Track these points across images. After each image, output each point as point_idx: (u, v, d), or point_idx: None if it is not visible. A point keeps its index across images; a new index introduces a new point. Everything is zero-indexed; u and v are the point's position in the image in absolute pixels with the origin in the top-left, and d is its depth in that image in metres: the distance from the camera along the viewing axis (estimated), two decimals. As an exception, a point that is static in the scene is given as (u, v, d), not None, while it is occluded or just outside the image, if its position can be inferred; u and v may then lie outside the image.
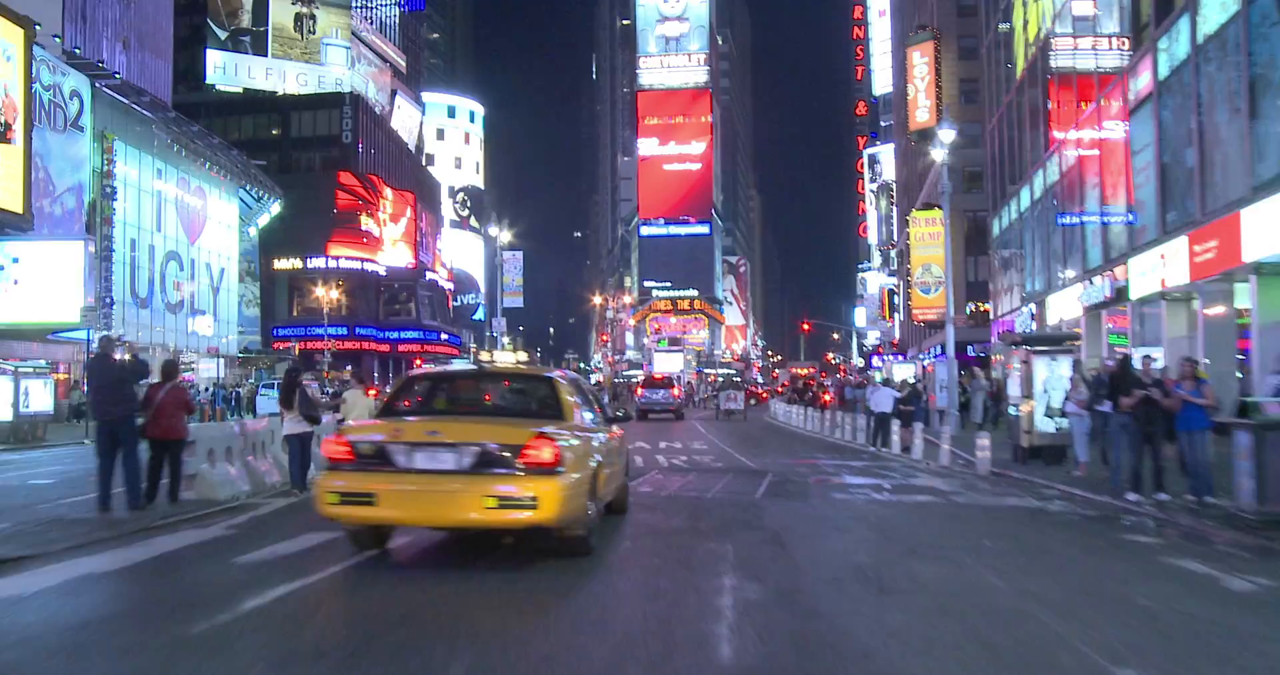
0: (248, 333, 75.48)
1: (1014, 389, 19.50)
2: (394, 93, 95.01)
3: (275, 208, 60.10)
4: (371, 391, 55.98)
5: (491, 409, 9.73)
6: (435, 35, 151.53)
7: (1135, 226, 29.53)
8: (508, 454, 7.65)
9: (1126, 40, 30.62)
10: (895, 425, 23.25)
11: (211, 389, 44.44)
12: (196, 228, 52.03)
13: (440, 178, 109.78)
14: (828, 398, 52.06)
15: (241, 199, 60.02)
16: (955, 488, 15.59)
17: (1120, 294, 30.00)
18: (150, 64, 54.75)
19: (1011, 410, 19.58)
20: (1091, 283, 33.52)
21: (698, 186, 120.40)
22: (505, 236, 45.74)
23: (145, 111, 45.27)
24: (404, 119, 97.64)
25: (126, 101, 44.05)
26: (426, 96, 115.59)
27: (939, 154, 30.36)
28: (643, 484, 15.49)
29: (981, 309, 69.18)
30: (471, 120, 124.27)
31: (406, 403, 9.46)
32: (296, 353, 66.21)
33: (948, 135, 29.40)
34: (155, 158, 47.37)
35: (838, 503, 13.50)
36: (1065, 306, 37.66)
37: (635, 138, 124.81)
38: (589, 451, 8.72)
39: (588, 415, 9.77)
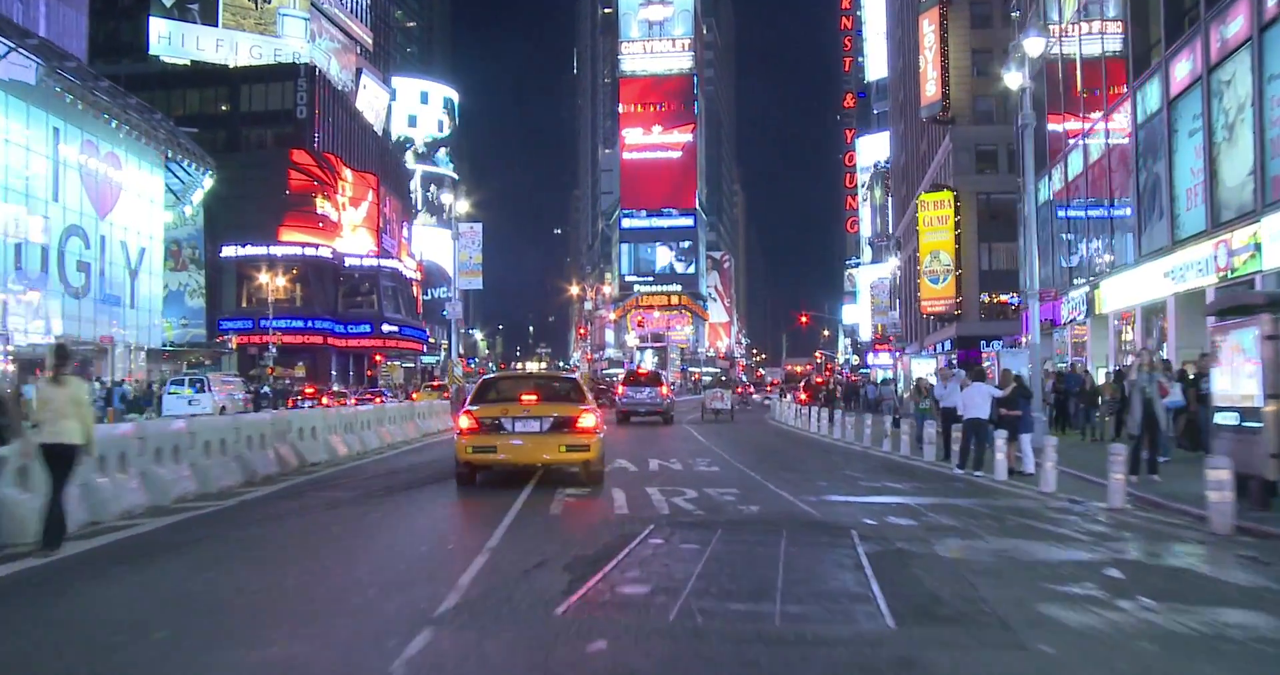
0: (191, 325, 67.36)
1: (1228, 384, 11.75)
2: (359, 71, 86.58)
3: (208, 182, 51.75)
4: (309, 388, 47.86)
5: (547, 396, 14.21)
6: (411, 24, 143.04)
7: (1270, 175, 21.88)
8: (569, 421, 13.26)
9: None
10: (998, 439, 15.43)
11: (109, 387, 36.22)
12: (107, 200, 43.77)
13: (411, 166, 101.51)
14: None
15: (172, 171, 51.81)
16: (1248, 576, 7.76)
17: (1240, 266, 22.43)
18: (60, 12, 46.48)
19: (1226, 418, 11.78)
20: (1188, 256, 25.93)
21: (681, 177, 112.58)
22: (462, 206, 37.64)
23: (30, 56, 36.98)
24: (370, 100, 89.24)
25: (4, 42, 35.77)
26: (397, 81, 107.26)
27: (1014, 78, 22.47)
28: (629, 572, 7.58)
29: (997, 300, 61.64)
30: (445, 107, 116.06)
31: (494, 393, 14.56)
32: (234, 346, 58.01)
33: (1035, 45, 21.59)
34: (51, 114, 39.14)
35: (1097, 648, 5.55)
36: (1137, 288, 30.00)
37: (616, 127, 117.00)
38: (602, 421, 14.45)
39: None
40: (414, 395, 46.84)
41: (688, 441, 24.49)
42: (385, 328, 72.45)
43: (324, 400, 42.00)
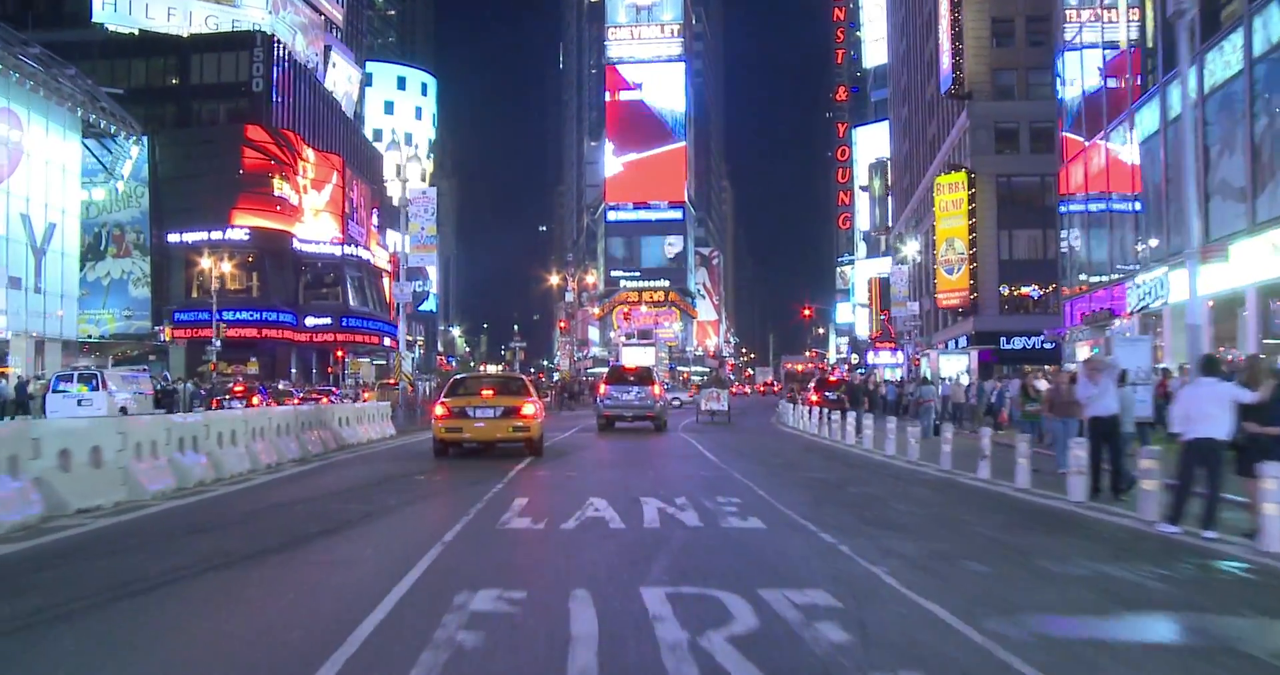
0: (136, 317, 60.17)
1: None
2: (328, 48, 79.06)
3: (135, 150, 44.42)
4: (238, 386, 40.72)
5: (501, 391, 17.87)
6: (391, 12, 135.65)
7: None
8: (515, 410, 16.94)
9: None
10: (1267, 478, 8.48)
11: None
12: (1, 164, 36.45)
13: (387, 156, 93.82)
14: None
15: (104, 144, 44.59)
16: None
17: None
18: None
19: None
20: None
21: (669, 167, 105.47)
22: (414, 170, 30.25)
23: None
24: (340, 80, 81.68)
25: None
26: (373, 66, 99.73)
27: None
28: None
29: (1018, 293, 54.84)
30: (424, 93, 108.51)
31: (460, 388, 18.25)
32: (167, 338, 50.69)
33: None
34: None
35: None
36: (1252, 264, 23.24)
37: (603, 118, 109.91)
38: (543, 409, 18.82)
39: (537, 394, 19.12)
40: (366, 394, 39.90)
41: (694, 461, 17.46)
42: (359, 322, 65.08)
43: (255, 400, 34.86)
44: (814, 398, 37.57)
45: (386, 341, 65.62)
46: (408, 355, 30.07)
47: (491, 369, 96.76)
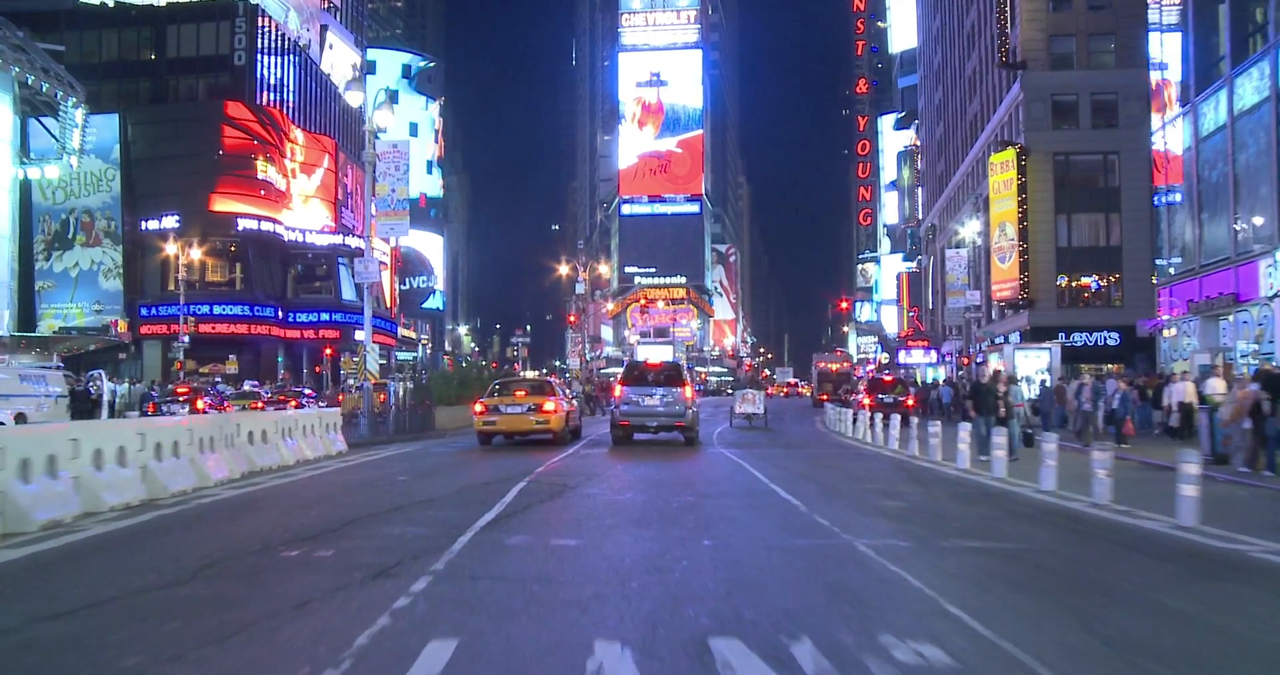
0: (106, 311, 54.11)
1: None
2: (324, 28, 72.77)
3: (79, 116, 38.04)
4: (182, 388, 34.01)
5: (531, 392, 21.16)
6: (399, 2, 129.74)
7: None
8: (539, 406, 20.07)
9: None
10: None
11: None
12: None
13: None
14: (910, 402, 31.88)
15: (54, 112, 38.36)
16: None
17: None
18: None
19: None
20: None
21: (686, 158, 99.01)
22: (385, 118, 23.69)
23: None
24: (338, 63, 75.39)
25: None
26: (375, 53, 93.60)
27: None
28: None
29: (1078, 284, 48.09)
30: (430, 81, 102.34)
31: (498, 389, 21.53)
32: (123, 331, 44.42)
33: None
34: None
35: None
36: None
37: (615, 111, 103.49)
38: (565, 407, 21.46)
39: (563, 393, 22.97)
40: (340, 397, 33.66)
41: (765, 507, 10.77)
42: (353, 317, 58.66)
43: (199, 404, 28.58)
44: (866, 401, 31.11)
45: (357, 336, 59.09)
46: (374, 348, 23.66)
47: (519, 372, 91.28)
